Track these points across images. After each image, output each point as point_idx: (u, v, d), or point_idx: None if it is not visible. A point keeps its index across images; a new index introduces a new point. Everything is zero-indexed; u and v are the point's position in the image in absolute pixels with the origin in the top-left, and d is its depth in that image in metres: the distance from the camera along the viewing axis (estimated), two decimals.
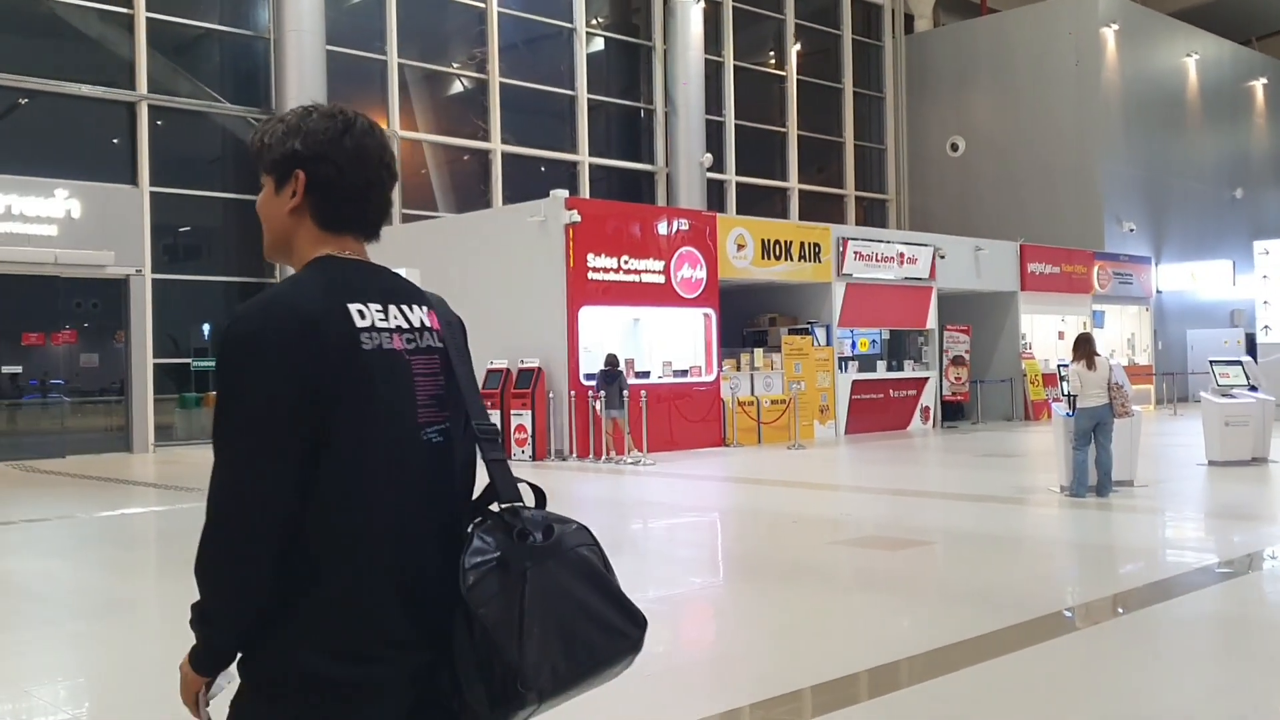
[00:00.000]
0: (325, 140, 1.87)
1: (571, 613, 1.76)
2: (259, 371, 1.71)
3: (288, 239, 1.92)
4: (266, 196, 1.92)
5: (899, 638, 6.03)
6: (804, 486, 13.27)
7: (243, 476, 1.71)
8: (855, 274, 20.36)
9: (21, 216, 17.02)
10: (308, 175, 1.86)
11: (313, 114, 1.90)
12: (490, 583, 1.71)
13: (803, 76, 29.33)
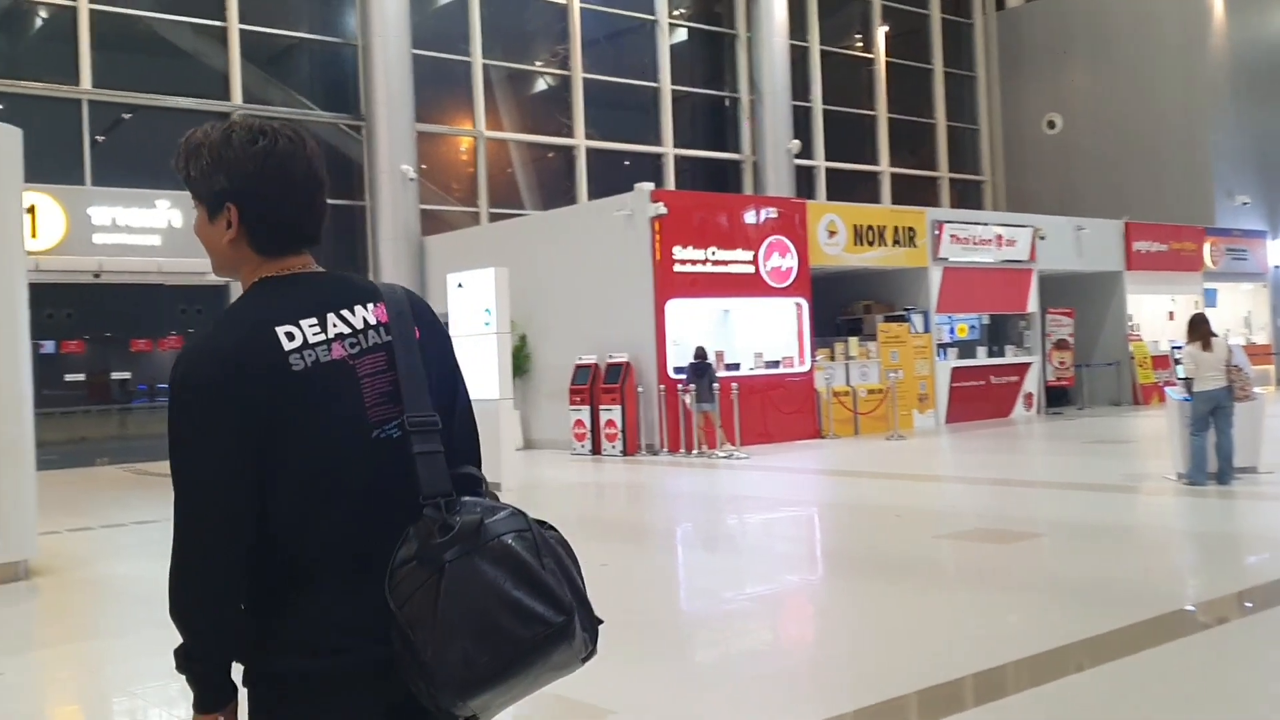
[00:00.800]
0: (250, 173, 1.88)
1: (490, 604, 1.72)
2: (196, 415, 1.77)
3: (233, 265, 1.95)
4: (202, 223, 1.95)
5: (1007, 638, 5.78)
6: (904, 478, 12.97)
7: (197, 512, 1.77)
8: (952, 258, 19.89)
9: (126, 228, 17.46)
10: (239, 209, 1.89)
11: (232, 139, 1.89)
12: (409, 581, 1.73)
13: (891, 58, 28.78)
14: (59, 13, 18.15)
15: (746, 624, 6.47)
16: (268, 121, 1.93)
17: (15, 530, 7.92)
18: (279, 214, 1.90)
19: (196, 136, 1.93)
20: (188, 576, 1.78)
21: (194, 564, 1.78)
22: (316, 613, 1.79)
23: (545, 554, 1.82)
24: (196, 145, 1.92)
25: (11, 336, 7.98)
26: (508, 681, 1.73)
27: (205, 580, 1.77)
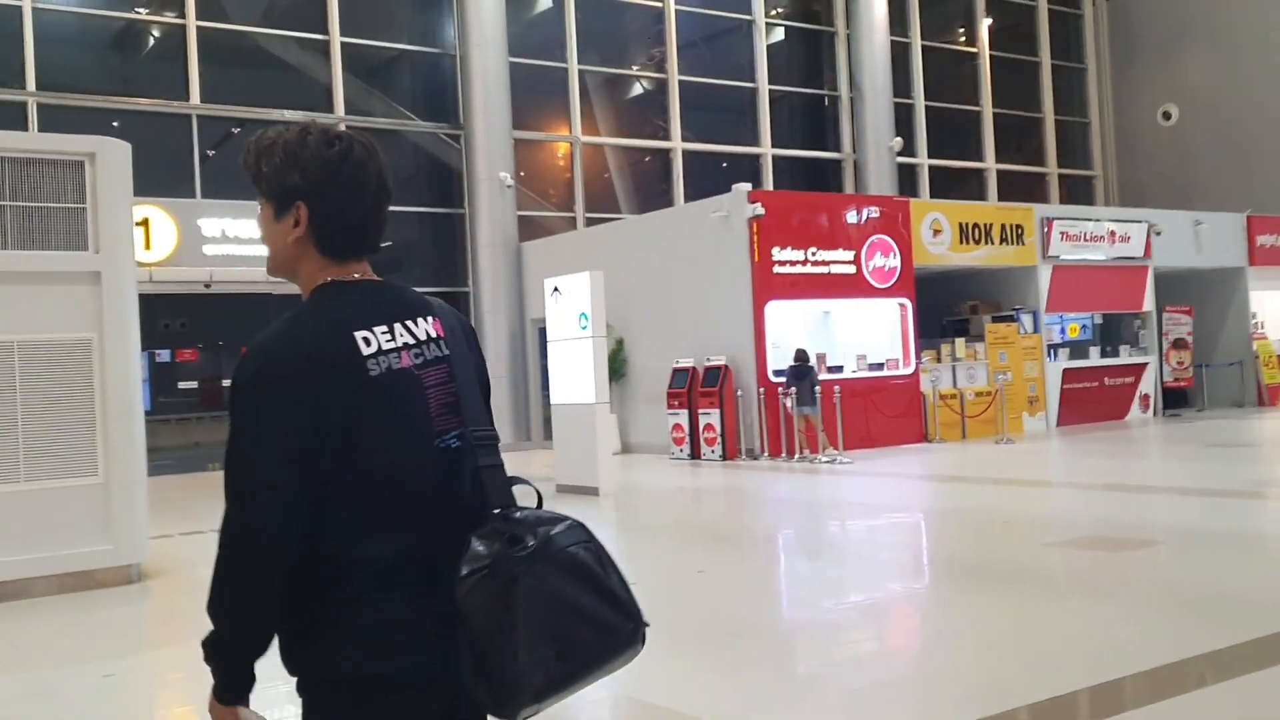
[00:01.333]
0: (325, 174, 1.91)
1: (563, 615, 1.78)
2: (267, 412, 1.79)
3: (292, 265, 1.98)
4: (266, 220, 1.98)
5: (1123, 651, 5.51)
6: (1014, 483, 12.59)
7: (252, 515, 1.79)
8: (1062, 255, 19.32)
9: (235, 238, 17.91)
10: (310, 209, 1.92)
11: (308, 140, 1.93)
12: (480, 591, 1.76)
13: (996, 52, 28.14)
14: (170, 31, 18.73)
15: (848, 633, 6.30)
16: (340, 129, 1.96)
17: (127, 534, 8.12)
18: (348, 218, 1.93)
19: (269, 135, 1.96)
20: (235, 573, 1.81)
21: (243, 562, 1.80)
22: (380, 617, 1.80)
23: (608, 563, 1.88)
24: (269, 143, 1.94)
25: (124, 345, 8.18)
26: (575, 685, 1.80)
27: (252, 579, 1.80)
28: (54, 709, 5.29)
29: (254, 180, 1.96)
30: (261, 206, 1.98)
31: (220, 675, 1.87)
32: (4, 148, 7.93)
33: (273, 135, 1.96)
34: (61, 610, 7.52)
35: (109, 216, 8.12)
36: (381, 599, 1.80)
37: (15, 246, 7.81)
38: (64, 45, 17.91)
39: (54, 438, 7.85)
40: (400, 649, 1.80)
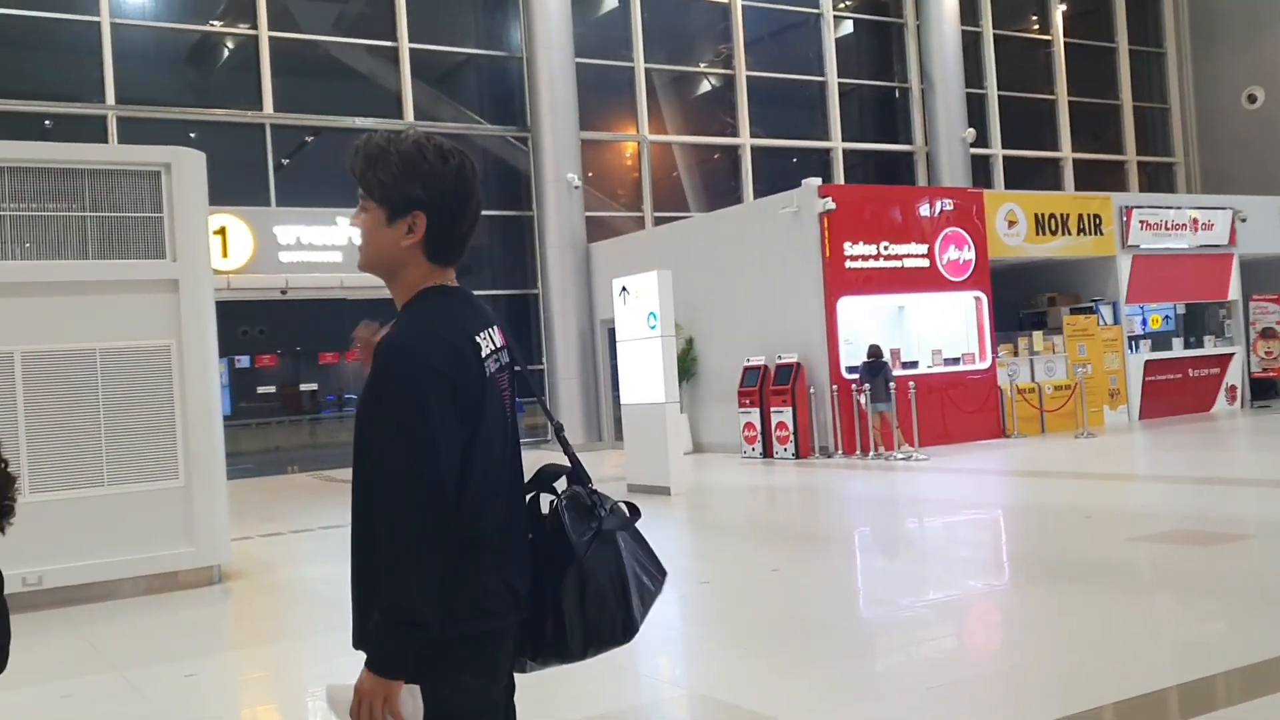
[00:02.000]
0: (446, 188, 2.07)
1: (640, 569, 2.18)
2: (428, 396, 1.95)
3: (395, 267, 2.13)
4: (375, 223, 2.10)
5: (1213, 647, 5.34)
6: (1095, 478, 12.31)
7: (419, 500, 1.93)
8: (1142, 245, 18.86)
9: (310, 245, 18.22)
10: (429, 220, 2.08)
11: (426, 154, 2.06)
12: (600, 551, 2.11)
13: (1070, 39, 27.55)
14: (243, 42, 19.09)
15: (926, 631, 6.18)
16: (446, 141, 2.11)
17: (208, 536, 8.27)
18: (459, 228, 2.12)
19: (379, 141, 2.08)
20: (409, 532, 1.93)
21: (414, 520, 1.93)
22: (490, 582, 2.05)
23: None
24: (381, 150, 2.07)
25: (202, 351, 8.34)
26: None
27: (425, 535, 1.93)
28: (139, 708, 5.39)
29: (363, 183, 2.08)
30: (367, 208, 2.10)
31: (403, 646, 1.95)
32: (84, 160, 8.12)
33: (382, 142, 2.07)
34: (145, 611, 7.68)
35: (186, 225, 8.28)
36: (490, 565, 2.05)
37: (96, 256, 8.00)
38: (141, 60, 18.34)
39: (136, 442, 8.02)
40: (498, 612, 2.05)
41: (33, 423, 7.67)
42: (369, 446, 2.00)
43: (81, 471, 7.82)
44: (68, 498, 7.77)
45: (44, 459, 7.69)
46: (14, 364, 7.63)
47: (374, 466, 1.97)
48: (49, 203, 7.91)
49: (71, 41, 17.71)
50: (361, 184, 2.09)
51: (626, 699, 5.08)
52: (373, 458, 1.98)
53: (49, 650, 6.63)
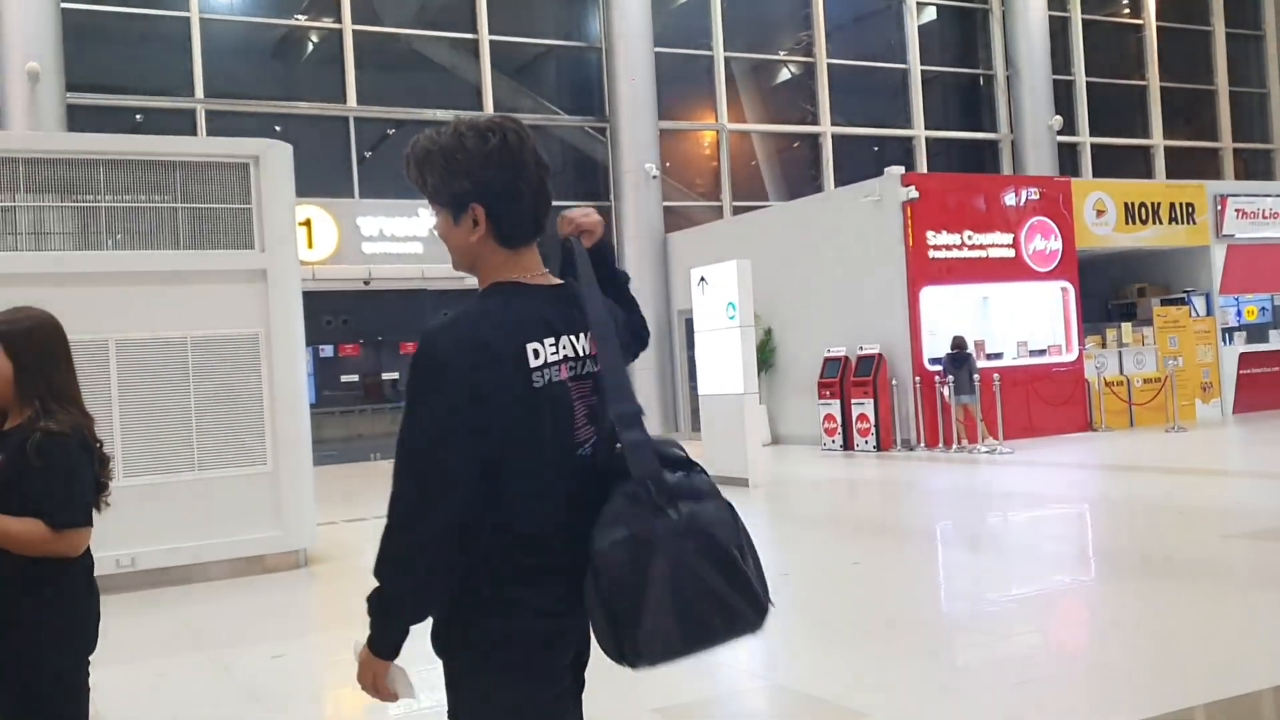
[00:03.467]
0: (491, 172, 1.98)
1: (694, 593, 1.88)
2: (445, 389, 1.90)
3: (475, 263, 2.08)
4: (446, 226, 2.06)
5: None
6: (1186, 473, 11.98)
7: (425, 483, 1.90)
8: (1238, 234, 18.31)
9: (393, 237, 18.45)
10: (485, 208, 2.00)
11: (465, 142, 1.98)
12: (621, 552, 1.88)
13: (1163, 23, 26.79)
14: (327, 36, 19.38)
15: (1011, 627, 6.07)
16: (484, 118, 2.02)
17: (294, 520, 8.43)
18: (520, 205, 2.02)
19: (422, 144, 2.01)
20: (404, 534, 1.92)
21: (411, 524, 1.91)
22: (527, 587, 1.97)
23: (748, 549, 1.96)
24: (425, 152, 2.00)
25: (289, 340, 8.49)
26: (687, 657, 1.93)
27: (418, 540, 1.91)
28: (229, 688, 5.51)
29: (421, 191, 2.04)
30: (437, 214, 2.06)
31: (381, 632, 1.99)
32: (175, 152, 8.32)
33: (425, 143, 2.01)
34: (234, 593, 7.85)
35: (273, 216, 8.43)
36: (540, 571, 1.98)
37: (187, 246, 8.19)
38: (229, 54, 18.71)
39: (225, 428, 8.19)
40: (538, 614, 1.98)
41: (126, 409, 7.87)
42: None
43: (173, 457, 8.01)
44: (159, 482, 7.96)
45: (137, 444, 7.89)
46: (109, 351, 7.84)
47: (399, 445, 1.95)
48: (142, 194, 8.12)
49: (162, 37, 18.13)
50: (421, 191, 2.05)
51: (706, 690, 5.06)
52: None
53: (142, 630, 6.80)
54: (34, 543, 2.67)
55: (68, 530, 2.70)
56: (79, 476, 2.76)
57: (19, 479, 2.68)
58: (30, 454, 2.68)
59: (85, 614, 2.84)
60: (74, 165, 7.95)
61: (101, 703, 5.23)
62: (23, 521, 2.66)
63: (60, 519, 2.69)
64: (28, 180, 7.81)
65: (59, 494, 2.70)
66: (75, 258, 7.88)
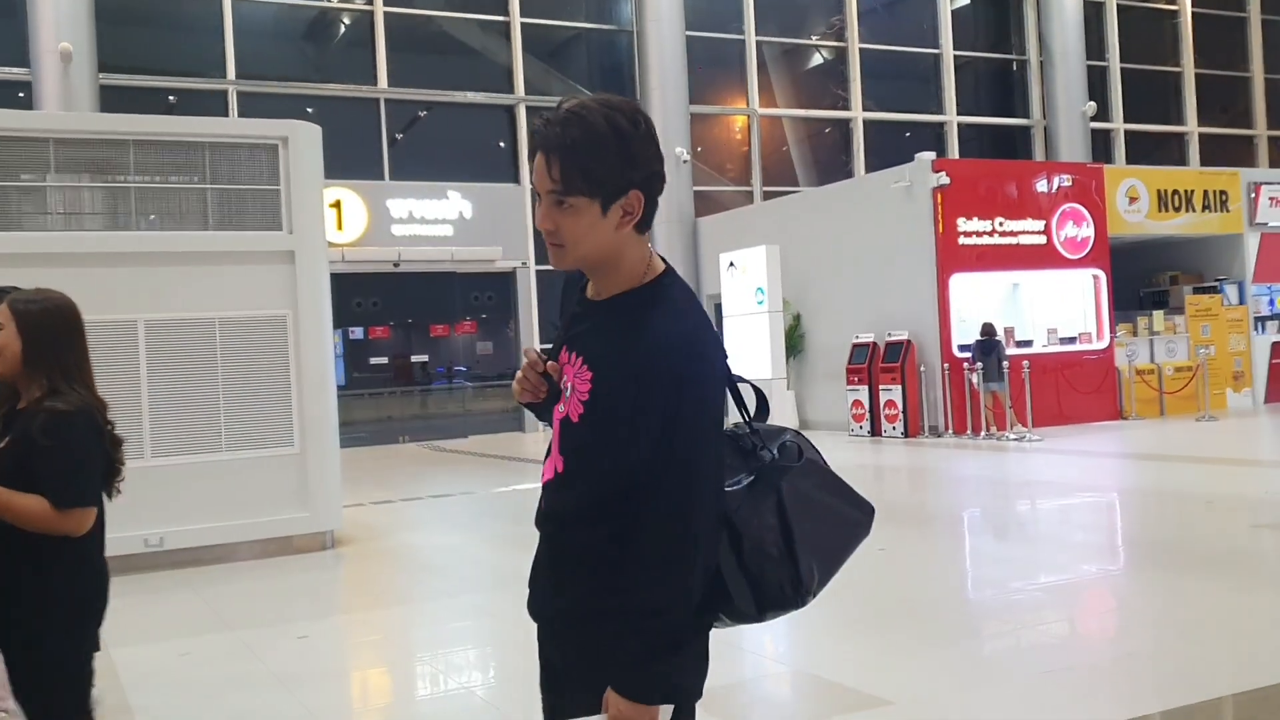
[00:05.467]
0: (654, 157, 1.87)
1: (820, 516, 1.91)
2: (716, 389, 1.84)
3: (613, 257, 1.90)
4: (589, 220, 1.84)
5: None
6: (1217, 462, 11.85)
7: (712, 492, 1.82)
8: (1271, 222, 18.09)
9: (422, 219, 18.51)
10: (644, 195, 1.87)
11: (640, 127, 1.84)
12: (752, 501, 1.86)
13: (1198, 9, 26.45)
14: (359, 18, 19.42)
15: (1038, 615, 6.03)
16: (617, 100, 1.87)
17: (321, 502, 8.48)
18: (660, 189, 1.91)
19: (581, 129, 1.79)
20: (703, 547, 1.79)
21: (707, 536, 1.80)
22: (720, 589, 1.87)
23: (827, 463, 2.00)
24: (596, 139, 1.79)
25: (317, 322, 8.52)
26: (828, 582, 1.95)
27: (711, 553, 1.81)
28: (254, 668, 5.55)
29: (571, 182, 1.80)
30: (574, 206, 1.82)
31: (680, 671, 1.80)
32: (204, 133, 8.35)
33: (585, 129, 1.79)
34: (261, 574, 7.91)
35: (302, 198, 8.45)
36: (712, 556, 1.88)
37: (215, 227, 8.23)
38: (261, 36, 18.79)
39: (252, 410, 8.24)
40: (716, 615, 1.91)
41: (154, 389, 7.93)
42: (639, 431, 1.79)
43: (201, 437, 8.07)
44: (188, 462, 8.02)
45: (165, 424, 7.95)
46: (138, 332, 7.89)
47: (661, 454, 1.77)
48: (171, 175, 8.15)
49: (194, 19, 18.23)
50: (567, 182, 1.80)
51: (730, 675, 5.05)
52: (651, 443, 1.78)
53: (169, 609, 6.87)
54: (37, 519, 2.69)
55: (71, 509, 2.72)
56: (84, 456, 2.78)
57: (26, 457, 2.70)
58: (36, 432, 2.70)
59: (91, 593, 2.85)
60: (104, 145, 8.00)
61: (125, 681, 5.30)
62: (27, 497, 2.68)
63: (63, 497, 2.70)
64: (58, 160, 7.86)
65: (63, 472, 2.72)
66: (105, 238, 7.93)
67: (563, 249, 1.88)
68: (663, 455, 1.77)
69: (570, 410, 1.91)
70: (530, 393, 1.99)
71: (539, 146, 1.84)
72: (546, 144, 1.82)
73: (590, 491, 1.87)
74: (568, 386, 1.93)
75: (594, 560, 1.88)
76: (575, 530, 1.91)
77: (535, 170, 1.86)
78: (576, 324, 1.98)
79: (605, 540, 1.85)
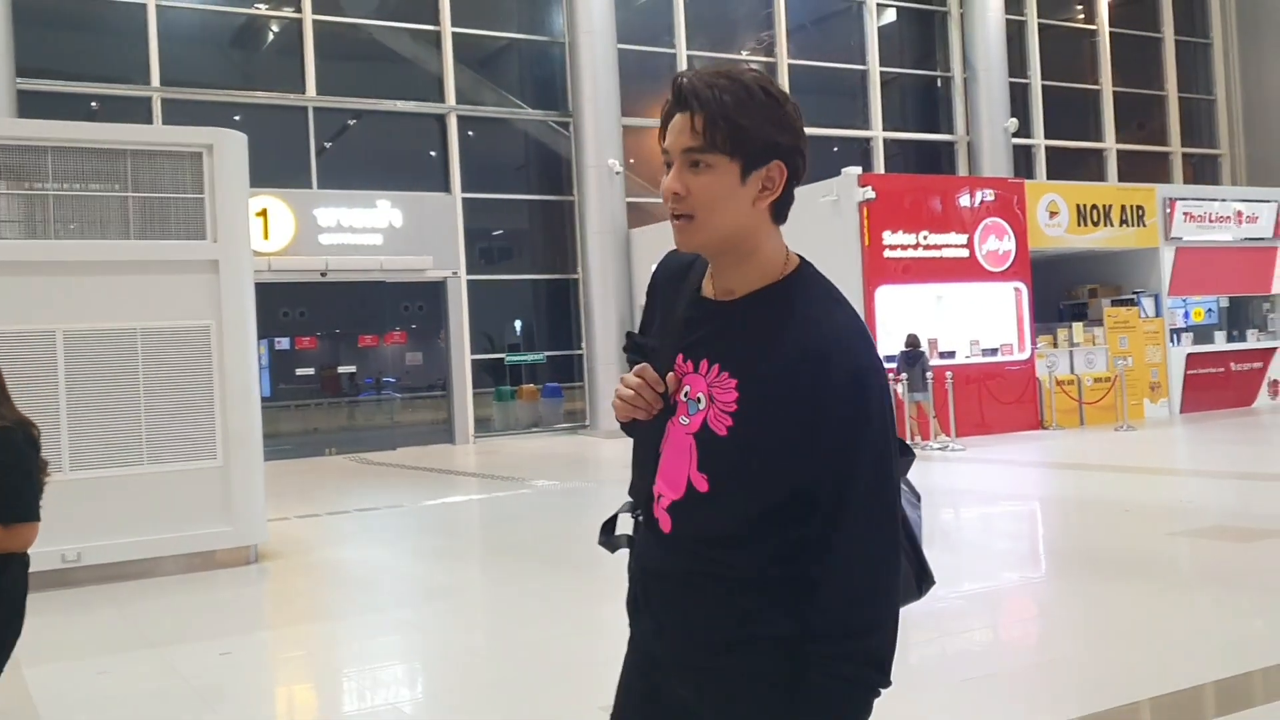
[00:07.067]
0: (799, 129, 1.74)
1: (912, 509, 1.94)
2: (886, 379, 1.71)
3: (749, 237, 1.73)
4: (727, 185, 1.68)
5: (1253, 644, 5.26)
6: (1135, 471, 12.17)
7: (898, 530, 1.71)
8: (1186, 237, 18.61)
9: (351, 228, 18.33)
10: (789, 170, 1.73)
11: (789, 98, 1.72)
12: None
13: (1116, 29, 27.19)
14: (287, 26, 19.20)
15: (961, 623, 6.14)
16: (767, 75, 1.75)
17: (245, 516, 8.35)
18: (803, 173, 1.77)
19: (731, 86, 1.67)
20: (895, 587, 1.70)
21: (897, 574, 1.70)
22: None
23: None
24: (744, 91, 1.67)
25: (241, 332, 8.40)
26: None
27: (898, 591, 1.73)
28: (175, 685, 5.45)
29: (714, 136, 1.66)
30: (713, 165, 1.68)
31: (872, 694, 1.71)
32: (127, 140, 8.20)
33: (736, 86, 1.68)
34: (183, 589, 7.77)
35: (227, 206, 8.34)
36: None
37: (138, 236, 8.08)
38: (186, 42, 18.49)
39: (175, 421, 8.10)
40: None
41: (74, 401, 7.76)
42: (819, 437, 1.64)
43: (121, 450, 7.91)
44: (107, 476, 7.86)
45: (84, 437, 7.79)
46: (56, 342, 7.72)
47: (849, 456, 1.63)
48: (92, 183, 8.00)
49: (117, 23, 17.88)
50: (711, 136, 1.66)
51: None
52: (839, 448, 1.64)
53: (87, 626, 6.72)
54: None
55: (18, 525, 2.67)
56: (27, 471, 2.73)
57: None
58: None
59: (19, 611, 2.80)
60: (20, 151, 7.82)
61: (39, 701, 5.17)
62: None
63: (11, 514, 2.66)
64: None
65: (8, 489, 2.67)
66: (21, 246, 7.76)
67: (692, 221, 1.71)
68: (852, 457, 1.63)
69: (712, 423, 1.70)
70: (644, 410, 1.78)
71: (681, 103, 1.70)
72: (693, 99, 1.68)
73: (749, 509, 1.69)
74: (698, 398, 1.73)
75: (758, 583, 1.71)
76: (729, 552, 1.72)
77: (671, 130, 1.71)
78: (693, 329, 1.78)
79: (768, 560, 1.70)
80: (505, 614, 6.88)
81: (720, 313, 1.76)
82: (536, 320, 21.35)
